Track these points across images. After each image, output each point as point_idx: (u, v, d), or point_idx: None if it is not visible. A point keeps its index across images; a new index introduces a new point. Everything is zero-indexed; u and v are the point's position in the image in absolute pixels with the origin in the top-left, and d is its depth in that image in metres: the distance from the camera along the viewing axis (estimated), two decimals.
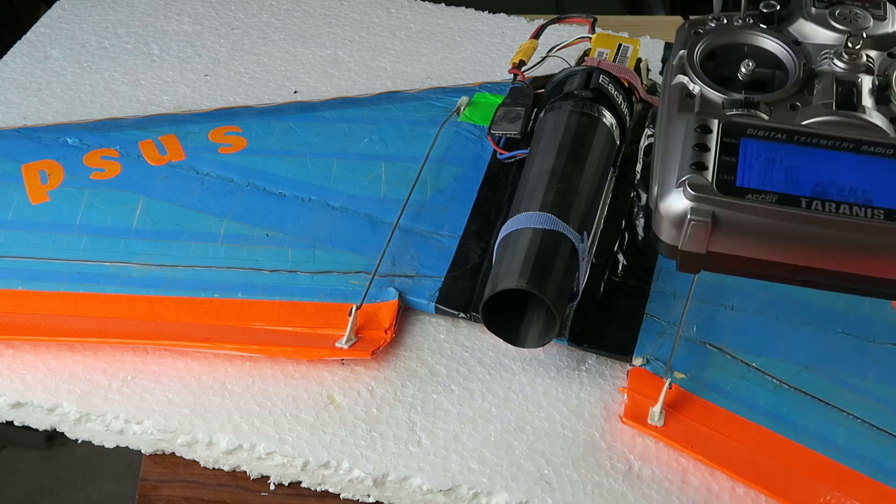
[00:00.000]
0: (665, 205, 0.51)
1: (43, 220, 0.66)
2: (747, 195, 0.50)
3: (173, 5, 0.88)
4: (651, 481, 0.55)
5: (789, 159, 0.51)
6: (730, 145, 0.51)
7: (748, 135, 0.51)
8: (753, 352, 0.60)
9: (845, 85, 0.53)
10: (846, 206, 0.49)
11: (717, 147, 0.51)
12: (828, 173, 0.50)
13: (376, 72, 0.81)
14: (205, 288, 0.62)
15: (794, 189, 0.50)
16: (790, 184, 0.50)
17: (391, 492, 0.55)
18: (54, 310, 0.61)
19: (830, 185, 0.50)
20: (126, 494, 1.29)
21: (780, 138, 0.51)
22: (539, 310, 0.59)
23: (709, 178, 0.50)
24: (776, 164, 0.50)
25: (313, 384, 0.59)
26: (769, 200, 0.50)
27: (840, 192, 0.50)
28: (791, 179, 0.50)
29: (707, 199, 0.50)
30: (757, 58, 0.55)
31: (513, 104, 0.70)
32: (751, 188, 0.50)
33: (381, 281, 0.62)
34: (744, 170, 0.50)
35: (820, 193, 0.50)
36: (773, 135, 0.51)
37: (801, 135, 0.51)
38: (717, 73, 0.55)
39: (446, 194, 0.68)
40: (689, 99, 0.53)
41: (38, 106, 0.77)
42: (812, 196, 0.50)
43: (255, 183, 0.69)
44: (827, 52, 0.54)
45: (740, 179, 0.50)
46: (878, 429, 0.56)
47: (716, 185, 0.50)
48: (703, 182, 0.50)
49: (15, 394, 0.58)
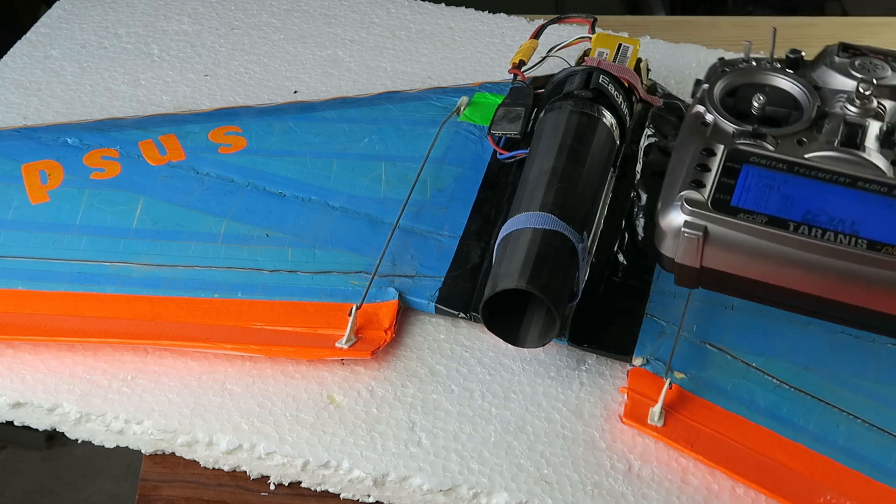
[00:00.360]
0: (664, 218, 0.54)
1: (43, 220, 0.66)
2: (739, 214, 0.53)
3: (173, 5, 0.88)
4: (651, 481, 0.55)
5: (786, 187, 0.54)
6: (732, 169, 0.55)
7: (751, 161, 0.55)
8: (753, 352, 0.60)
9: (852, 126, 0.56)
10: (832, 234, 0.52)
11: (718, 169, 0.55)
12: (820, 203, 0.53)
13: (376, 72, 0.81)
14: (205, 288, 0.62)
15: (785, 213, 0.53)
16: (783, 209, 0.53)
17: (391, 492, 0.55)
18: (54, 310, 0.61)
19: (821, 213, 0.53)
20: (126, 494, 1.29)
21: (781, 168, 0.54)
22: (539, 310, 0.59)
23: (705, 195, 0.54)
24: (773, 190, 0.54)
25: (313, 384, 0.59)
26: (759, 221, 0.53)
27: (829, 221, 0.53)
28: (784, 205, 0.53)
29: (700, 214, 0.53)
30: (774, 97, 0.59)
31: (513, 104, 0.70)
32: (744, 208, 0.53)
33: (381, 281, 0.62)
34: (741, 192, 0.54)
35: (810, 220, 0.53)
36: (774, 164, 0.55)
37: (802, 167, 0.55)
38: (735, 107, 0.59)
39: (446, 194, 0.68)
40: (703, 126, 0.58)
41: (38, 106, 0.77)
42: (801, 221, 0.53)
43: (255, 183, 0.69)
44: (841, 96, 0.58)
45: (735, 199, 0.53)
46: (878, 429, 0.56)
47: (711, 202, 0.53)
48: (698, 198, 0.53)
49: (15, 394, 0.58)
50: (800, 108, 0.58)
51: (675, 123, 0.73)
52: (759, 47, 0.85)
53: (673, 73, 0.81)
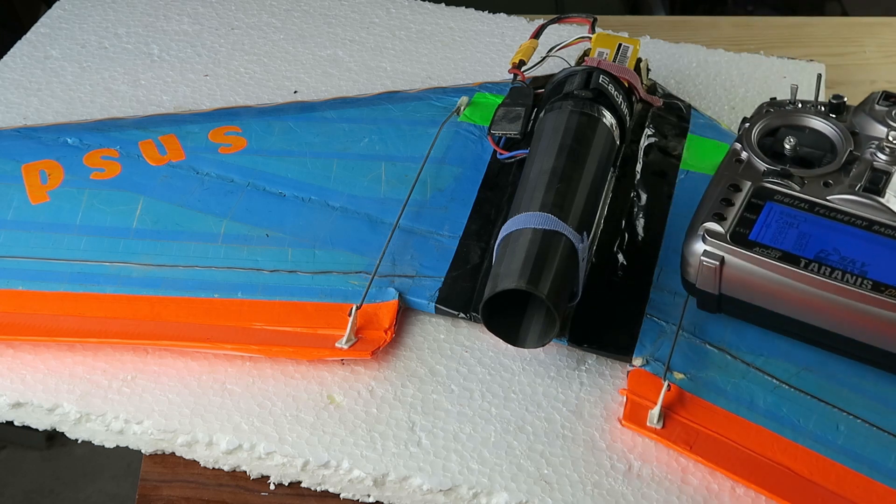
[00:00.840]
0: (688, 246, 0.58)
1: (43, 220, 0.66)
2: (755, 248, 0.56)
3: (173, 5, 0.88)
4: (651, 481, 0.55)
5: (805, 226, 0.57)
6: (755, 205, 0.58)
7: (775, 199, 0.58)
8: (753, 352, 0.60)
9: (877, 172, 0.59)
10: (840, 273, 0.55)
11: (742, 204, 0.58)
12: (835, 243, 0.56)
13: (376, 72, 0.81)
14: (205, 288, 0.62)
15: (799, 250, 0.56)
16: (798, 246, 0.56)
17: (391, 492, 0.55)
18: (54, 310, 0.61)
19: (834, 252, 0.56)
20: (126, 494, 1.29)
21: (803, 207, 0.58)
22: (539, 310, 0.59)
23: (725, 227, 0.57)
24: (791, 228, 0.57)
25: (313, 384, 0.59)
26: (773, 256, 0.56)
27: (841, 261, 0.56)
28: (800, 243, 0.56)
29: (718, 245, 0.57)
30: (812, 139, 0.62)
31: (513, 104, 0.70)
32: (760, 243, 0.57)
33: (381, 281, 0.62)
34: (760, 227, 0.57)
35: (822, 258, 0.56)
36: (796, 203, 0.58)
37: (822, 207, 0.58)
38: (773, 147, 0.62)
39: (446, 194, 0.68)
40: (737, 163, 0.61)
41: (38, 106, 0.77)
42: (813, 259, 0.56)
43: (255, 183, 0.69)
44: (872, 143, 0.60)
45: (754, 234, 0.57)
46: (878, 429, 0.56)
47: (730, 235, 0.57)
48: (718, 230, 0.57)
49: (15, 394, 0.58)
50: (835, 151, 0.61)
51: (674, 123, 0.73)
52: (759, 47, 0.85)
53: (673, 73, 0.81)
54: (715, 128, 0.74)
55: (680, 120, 0.74)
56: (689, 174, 0.70)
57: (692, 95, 0.79)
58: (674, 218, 0.67)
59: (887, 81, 0.85)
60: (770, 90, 0.80)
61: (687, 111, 0.75)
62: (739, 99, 0.80)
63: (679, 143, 0.72)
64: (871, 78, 0.86)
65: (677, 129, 0.73)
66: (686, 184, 0.69)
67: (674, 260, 0.63)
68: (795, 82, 0.65)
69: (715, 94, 0.80)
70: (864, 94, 0.64)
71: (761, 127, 0.62)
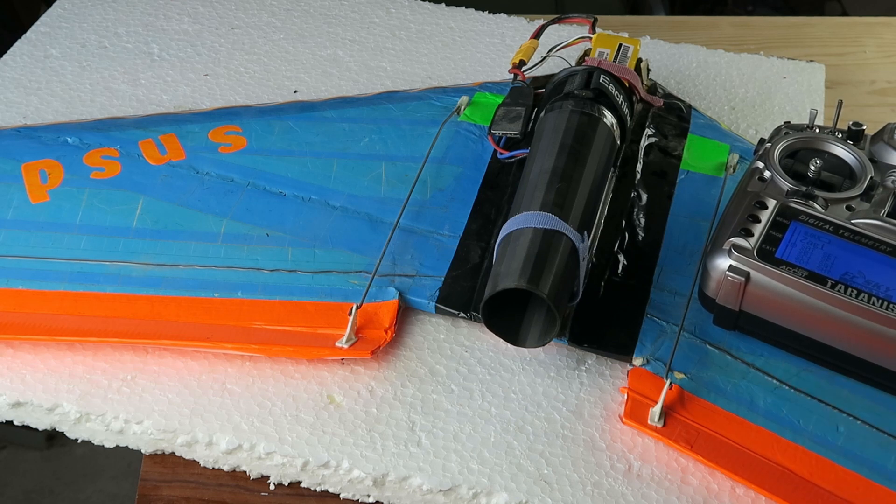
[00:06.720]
0: (712, 261, 0.58)
1: (43, 220, 0.66)
2: (782, 266, 0.57)
3: (173, 5, 0.88)
4: (651, 481, 0.55)
5: (830, 247, 0.58)
6: (781, 224, 0.59)
7: (800, 219, 0.59)
8: (754, 352, 0.60)
9: None
10: (865, 295, 0.56)
11: (768, 222, 0.59)
12: (860, 266, 0.57)
13: (376, 72, 0.81)
14: (205, 287, 0.62)
15: (825, 271, 0.57)
16: (823, 266, 0.57)
17: (391, 492, 0.55)
18: (54, 309, 0.61)
19: (859, 275, 0.57)
20: (126, 494, 1.29)
21: (827, 229, 0.58)
22: (539, 310, 0.59)
23: (752, 243, 0.57)
24: (817, 248, 0.57)
25: (313, 384, 0.59)
26: (800, 274, 0.57)
27: (866, 284, 0.56)
28: (826, 263, 0.57)
29: (745, 261, 0.57)
30: (831, 163, 0.63)
31: (513, 104, 0.70)
32: (787, 261, 0.57)
33: (381, 280, 0.62)
34: (786, 245, 0.57)
35: (847, 280, 0.56)
36: (821, 224, 0.59)
37: (847, 230, 0.58)
38: (792, 168, 0.63)
39: (446, 194, 0.68)
40: (761, 182, 0.61)
41: (38, 105, 0.77)
42: (839, 280, 0.56)
43: (256, 182, 0.69)
44: (893, 171, 0.62)
45: (780, 252, 0.57)
46: (877, 430, 0.56)
47: (756, 251, 0.57)
48: (745, 245, 0.57)
49: (15, 393, 0.58)
50: (853, 177, 0.62)
51: (675, 123, 0.73)
52: (759, 47, 0.85)
53: (673, 73, 0.82)
54: (715, 128, 0.74)
55: (680, 120, 0.74)
56: (690, 174, 0.70)
57: (692, 95, 0.79)
58: (674, 218, 0.67)
59: (887, 81, 0.85)
60: (770, 90, 0.80)
61: (687, 111, 0.75)
62: (739, 99, 0.80)
63: (679, 143, 0.72)
64: (870, 78, 0.86)
65: (677, 130, 0.73)
66: (686, 184, 0.69)
67: (674, 260, 0.63)
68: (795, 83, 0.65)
69: (715, 95, 0.80)
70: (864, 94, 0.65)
71: (783, 148, 0.63)
